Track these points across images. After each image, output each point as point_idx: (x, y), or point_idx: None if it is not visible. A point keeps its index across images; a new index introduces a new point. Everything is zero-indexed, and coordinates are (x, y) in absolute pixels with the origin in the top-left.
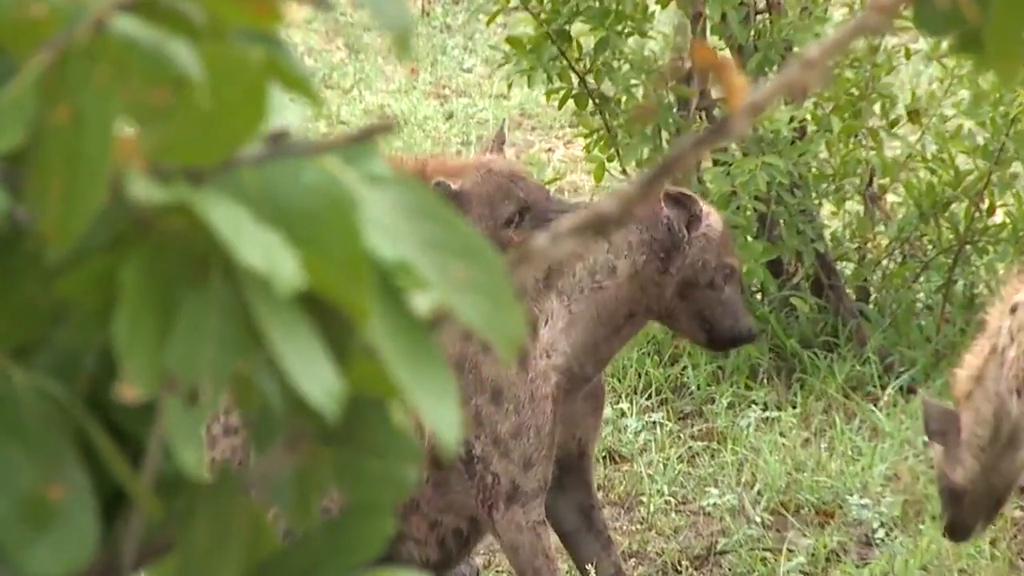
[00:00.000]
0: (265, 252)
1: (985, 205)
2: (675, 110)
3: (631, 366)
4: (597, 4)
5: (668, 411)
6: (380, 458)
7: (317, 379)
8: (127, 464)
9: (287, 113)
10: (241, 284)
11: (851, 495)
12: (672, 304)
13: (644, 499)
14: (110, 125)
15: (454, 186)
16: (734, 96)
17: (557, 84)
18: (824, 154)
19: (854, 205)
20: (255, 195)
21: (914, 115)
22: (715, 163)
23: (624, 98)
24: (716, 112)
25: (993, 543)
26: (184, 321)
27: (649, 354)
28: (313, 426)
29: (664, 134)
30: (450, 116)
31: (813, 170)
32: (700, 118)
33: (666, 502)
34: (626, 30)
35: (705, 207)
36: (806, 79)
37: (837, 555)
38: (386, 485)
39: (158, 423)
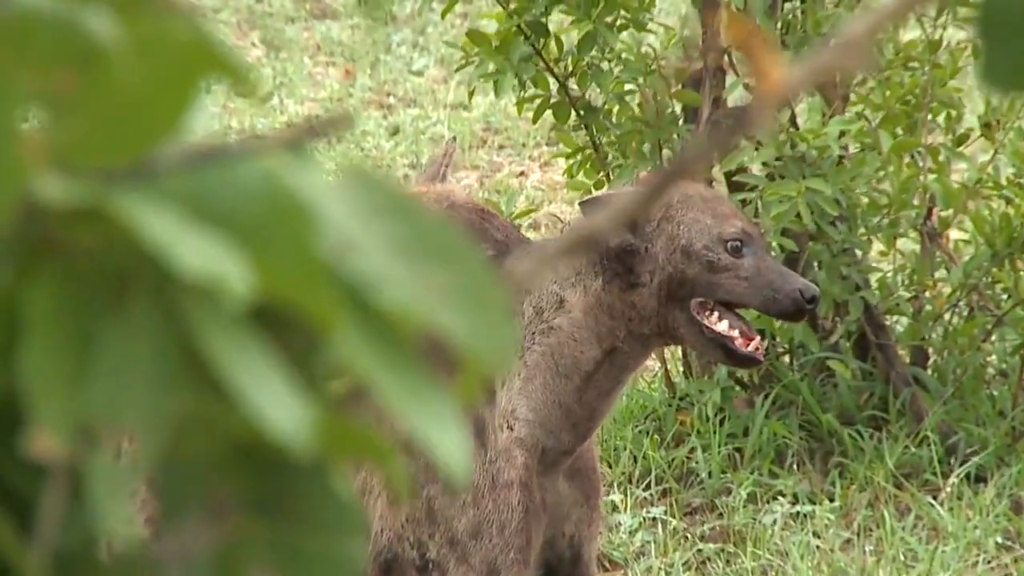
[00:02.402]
0: (207, 257)
1: None
2: (681, 122)
3: (625, 447)
4: None
5: (672, 505)
6: (322, 533)
7: (280, 405)
8: (13, 535)
9: (214, 85)
10: (176, 302)
11: None
12: (668, 317)
13: None
14: (13, 116)
15: None
16: (766, 78)
17: (531, 91)
18: (875, 178)
19: (909, 243)
20: (184, 200)
21: (986, 130)
22: (738, 188)
23: (616, 108)
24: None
25: None
26: (105, 353)
27: (647, 432)
28: (240, 491)
29: (666, 152)
30: (395, 131)
31: (864, 198)
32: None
33: None
34: (618, 22)
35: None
36: (845, 63)
37: None
38: (329, 567)
39: (53, 482)
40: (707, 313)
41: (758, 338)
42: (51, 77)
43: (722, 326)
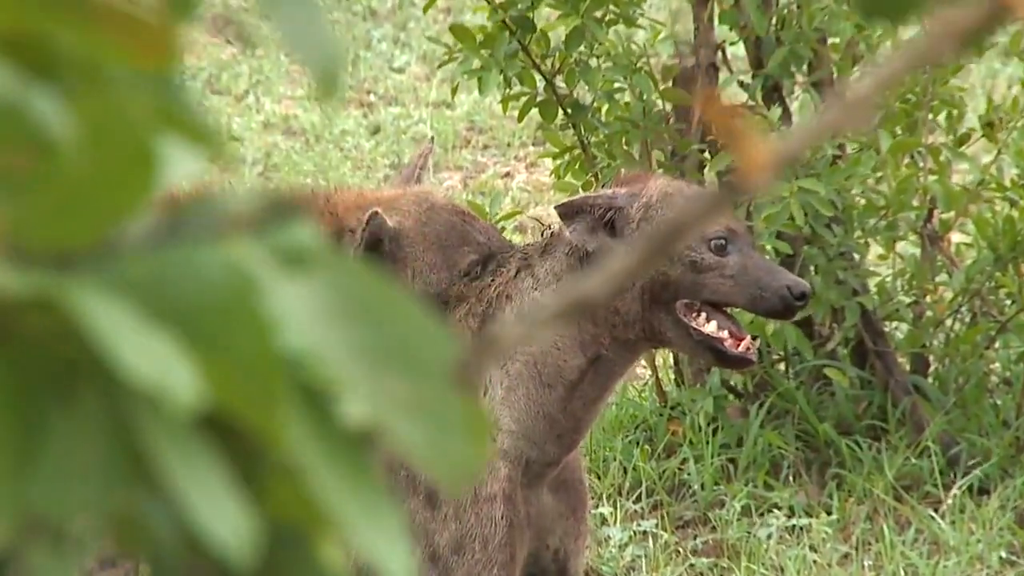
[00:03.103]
0: (154, 362)
1: None
2: (671, 121)
3: (614, 458)
4: None
5: (663, 518)
6: None
7: (221, 514)
8: None
9: (179, 160)
10: (122, 399)
11: None
12: (654, 320)
13: None
14: None
15: (390, 223)
16: (750, 155)
17: (517, 88)
18: (871, 179)
19: (909, 247)
20: (139, 288)
21: (988, 129)
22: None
23: (605, 106)
24: (696, 97)
25: None
26: (51, 446)
27: (638, 442)
28: (215, 568)
29: (657, 153)
30: (376, 130)
31: (860, 200)
32: (706, 133)
33: None
34: (607, 17)
35: (627, 189)
36: (849, 122)
37: None
38: None
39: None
40: (694, 315)
41: (749, 337)
42: (2, 159)
43: (710, 327)
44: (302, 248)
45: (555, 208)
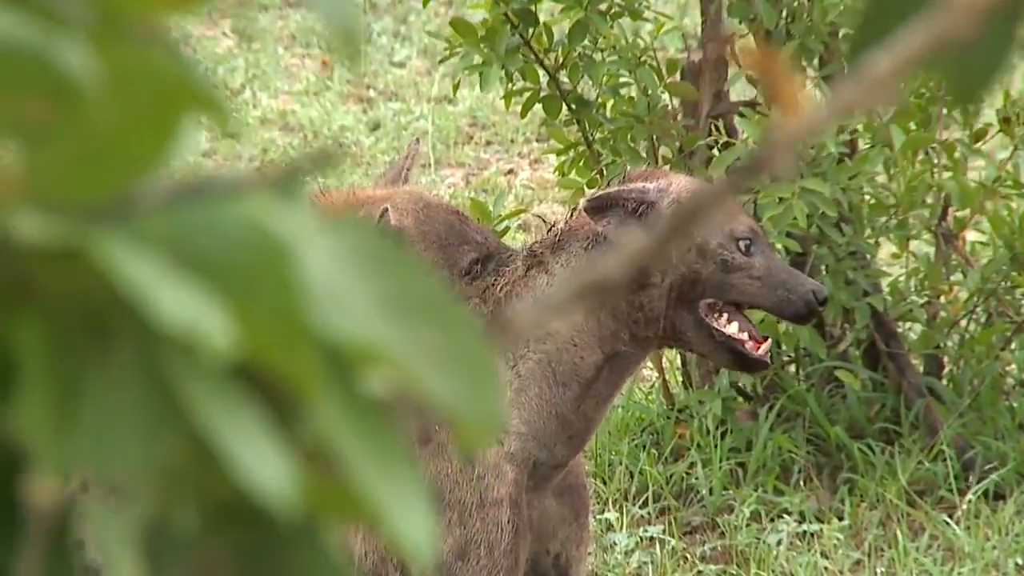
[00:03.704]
0: (187, 308)
1: None
2: (679, 117)
3: (620, 462)
4: None
5: (671, 523)
6: None
7: (264, 463)
8: None
9: (193, 129)
10: (156, 349)
11: None
12: (676, 319)
13: None
14: None
15: (392, 221)
16: (791, 109)
17: (520, 84)
18: (882, 176)
19: (922, 246)
20: (163, 241)
21: (1005, 125)
22: None
23: (610, 102)
24: (737, 120)
25: None
26: (89, 400)
27: (644, 446)
28: (226, 550)
29: (664, 149)
30: (376, 126)
31: (868, 198)
32: (715, 129)
33: None
34: (612, 10)
35: (655, 184)
36: (869, 101)
37: None
38: None
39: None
40: (715, 315)
41: (768, 341)
42: (24, 109)
43: (732, 328)
44: (313, 210)
45: (585, 202)
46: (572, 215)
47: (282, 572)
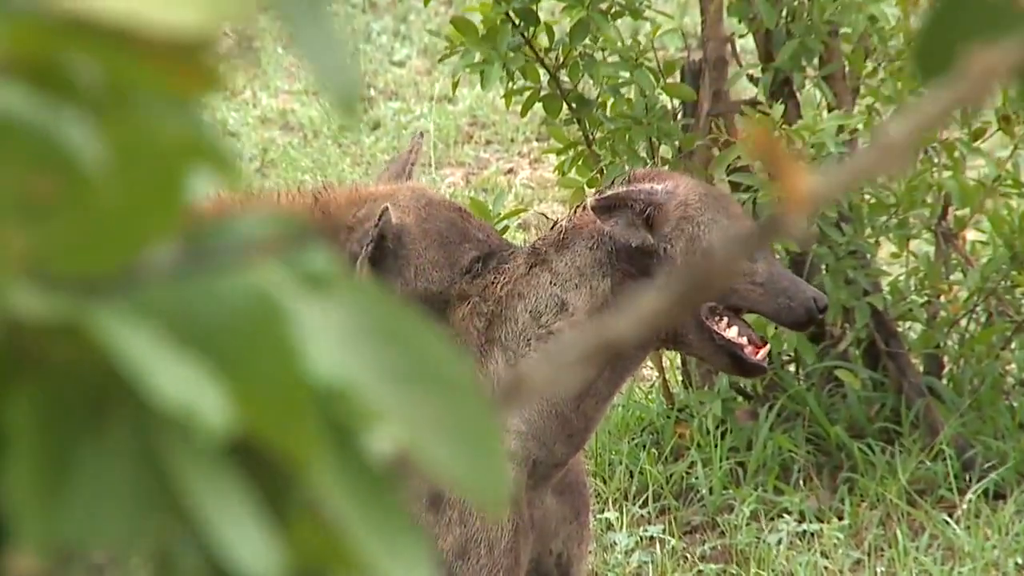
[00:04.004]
0: (184, 386)
1: None
2: (678, 117)
3: (620, 461)
4: None
5: (671, 523)
6: None
7: (249, 545)
8: None
9: (202, 187)
10: (151, 427)
11: None
12: (679, 324)
13: None
14: None
15: (394, 219)
16: (795, 194)
17: (520, 83)
18: (882, 176)
19: (922, 245)
20: (163, 314)
21: (1004, 123)
22: (735, 188)
23: (610, 101)
24: (737, 119)
25: None
26: (80, 475)
27: (644, 446)
28: None
29: (663, 147)
30: (376, 126)
31: (868, 198)
32: (715, 127)
33: None
34: (613, 9)
35: (662, 186)
36: (885, 168)
37: None
38: None
39: None
40: (716, 319)
41: (768, 346)
42: (28, 184)
43: (731, 332)
44: (321, 272)
45: (593, 201)
46: (576, 212)
47: None
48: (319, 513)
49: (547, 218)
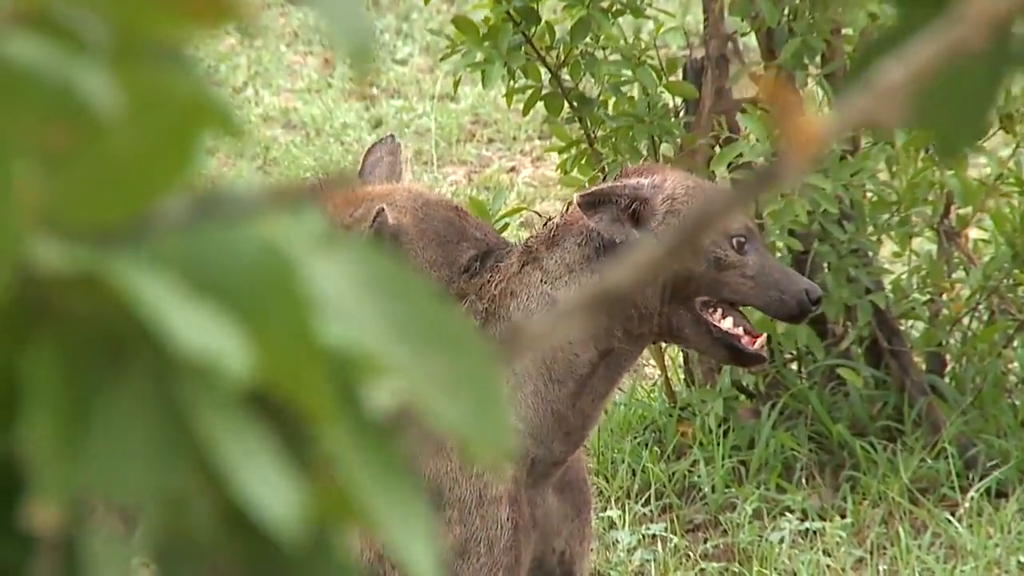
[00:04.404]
0: (204, 333)
1: None
2: (680, 115)
3: (623, 460)
4: None
5: (673, 521)
6: None
7: (272, 490)
8: None
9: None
10: (171, 375)
11: None
12: (672, 316)
13: None
14: (9, 174)
15: (390, 219)
16: (798, 137)
17: (522, 81)
18: (884, 174)
19: (925, 243)
20: (177, 265)
21: (1007, 121)
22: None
23: (612, 100)
24: (739, 117)
25: None
26: (101, 426)
27: (647, 444)
28: (240, 561)
29: (664, 145)
30: (378, 124)
31: (870, 196)
32: (718, 124)
33: None
34: (614, 7)
35: (649, 180)
36: (881, 114)
37: None
38: None
39: (45, 557)
40: (711, 311)
41: (764, 336)
42: (44, 134)
43: (727, 324)
44: (324, 232)
45: (578, 197)
46: (567, 210)
47: None
48: (329, 465)
49: (541, 216)
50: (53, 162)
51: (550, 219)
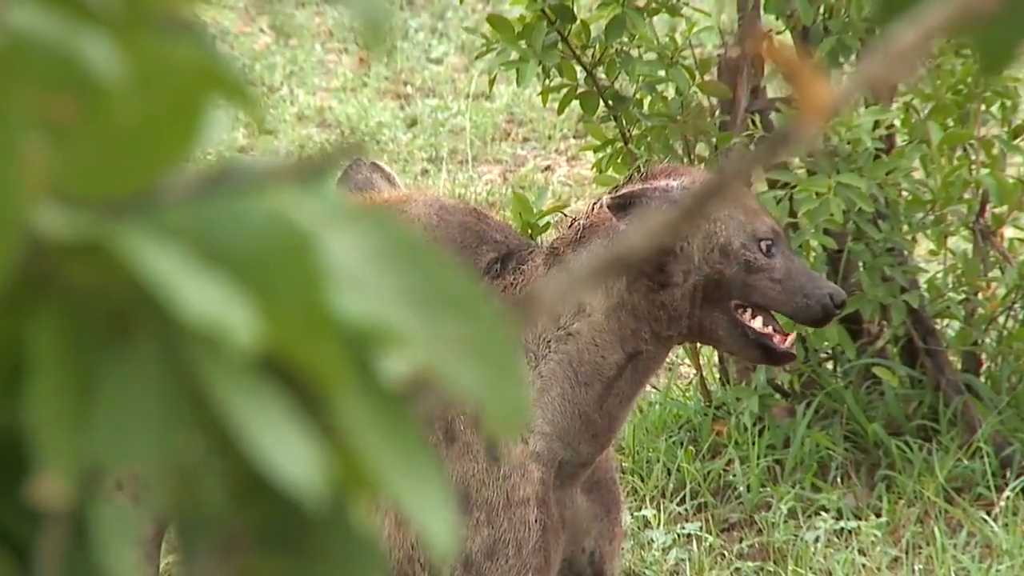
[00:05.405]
0: (211, 302)
1: None
2: (716, 114)
3: (658, 459)
4: None
5: (708, 520)
6: (338, 570)
7: (292, 454)
8: None
9: (220, 119)
10: (180, 344)
11: None
12: (701, 318)
13: None
14: (14, 143)
15: None
16: (813, 105)
17: (557, 80)
18: (920, 172)
19: (960, 242)
20: (187, 235)
21: None
22: (771, 185)
23: (647, 98)
24: (773, 116)
25: None
26: (109, 394)
27: (682, 443)
28: (255, 527)
29: (700, 146)
30: (413, 123)
31: (905, 194)
32: (752, 123)
33: None
34: (650, 6)
35: (677, 182)
36: (893, 75)
37: None
38: None
39: (54, 528)
40: (741, 312)
41: (793, 334)
42: (49, 104)
43: (758, 323)
44: (338, 202)
45: (608, 199)
46: (593, 209)
47: (309, 545)
48: (342, 434)
49: (567, 216)
50: (58, 132)
51: (575, 220)
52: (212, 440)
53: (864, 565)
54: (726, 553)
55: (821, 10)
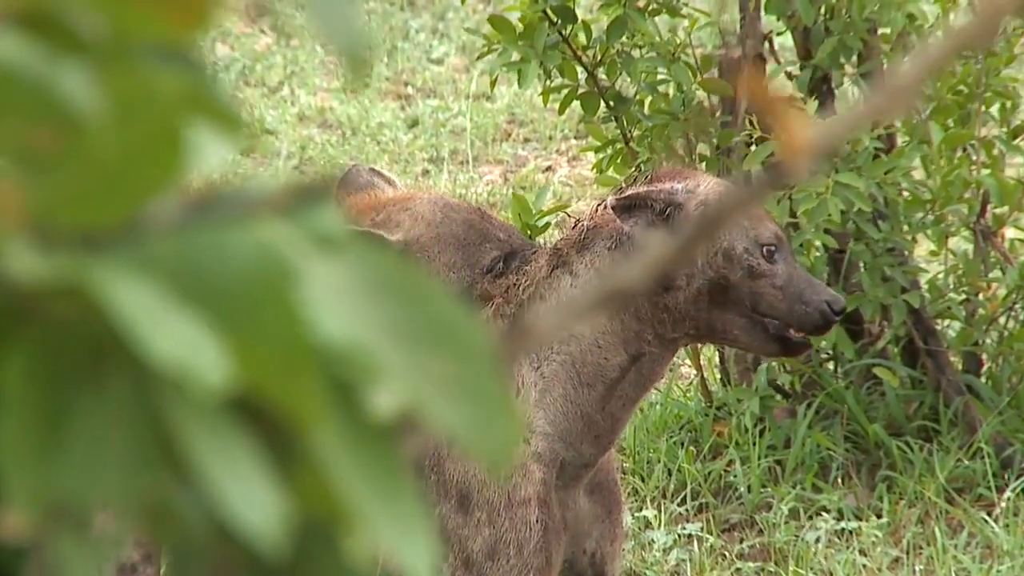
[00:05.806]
0: (181, 344)
1: None
2: (717, 114)
3: (658, 459)
4: None
5: (709, 521)
6: None
7: (252, 500)
8: None
9: (206, 144)
10: (149, 383)
11: None
12: (711, 320)
13: None
14: None
15: (393, 237)
16: (792, 141)
17: (558, 80)
18: (920, 172)
19: (961, 242)
20: (167, 270)
21: None
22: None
23: (648, 98)
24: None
25: None
26: (77, 432)
27: (683, 444)
28: (245, 557)
29: (701, 146)
30: (414, 123)
31: (905, 194)
32: (751, 123)
33: None
34: (651, 6)
35: (682, 185)
36: (893, 109)
37: None
38: None
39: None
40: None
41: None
42: (27, 136)
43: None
44: (330, 231)
45: (612, 200)
46: (596, 211)
47: (302, 574)
48: (320, 471)
49: (570, 216)
50: (37, 165)
51: (578, 221)
52: (180, 481)
53: (865, 566)
54: (727, 554)
55: (822, 10)
